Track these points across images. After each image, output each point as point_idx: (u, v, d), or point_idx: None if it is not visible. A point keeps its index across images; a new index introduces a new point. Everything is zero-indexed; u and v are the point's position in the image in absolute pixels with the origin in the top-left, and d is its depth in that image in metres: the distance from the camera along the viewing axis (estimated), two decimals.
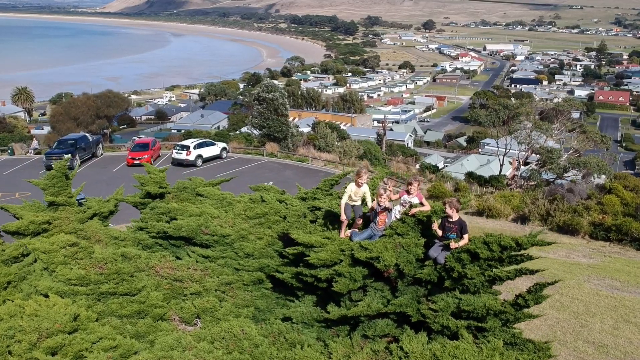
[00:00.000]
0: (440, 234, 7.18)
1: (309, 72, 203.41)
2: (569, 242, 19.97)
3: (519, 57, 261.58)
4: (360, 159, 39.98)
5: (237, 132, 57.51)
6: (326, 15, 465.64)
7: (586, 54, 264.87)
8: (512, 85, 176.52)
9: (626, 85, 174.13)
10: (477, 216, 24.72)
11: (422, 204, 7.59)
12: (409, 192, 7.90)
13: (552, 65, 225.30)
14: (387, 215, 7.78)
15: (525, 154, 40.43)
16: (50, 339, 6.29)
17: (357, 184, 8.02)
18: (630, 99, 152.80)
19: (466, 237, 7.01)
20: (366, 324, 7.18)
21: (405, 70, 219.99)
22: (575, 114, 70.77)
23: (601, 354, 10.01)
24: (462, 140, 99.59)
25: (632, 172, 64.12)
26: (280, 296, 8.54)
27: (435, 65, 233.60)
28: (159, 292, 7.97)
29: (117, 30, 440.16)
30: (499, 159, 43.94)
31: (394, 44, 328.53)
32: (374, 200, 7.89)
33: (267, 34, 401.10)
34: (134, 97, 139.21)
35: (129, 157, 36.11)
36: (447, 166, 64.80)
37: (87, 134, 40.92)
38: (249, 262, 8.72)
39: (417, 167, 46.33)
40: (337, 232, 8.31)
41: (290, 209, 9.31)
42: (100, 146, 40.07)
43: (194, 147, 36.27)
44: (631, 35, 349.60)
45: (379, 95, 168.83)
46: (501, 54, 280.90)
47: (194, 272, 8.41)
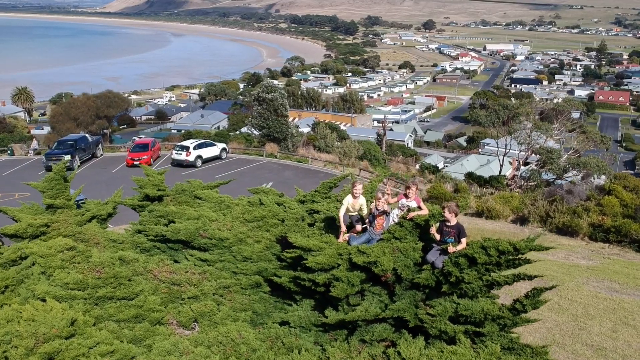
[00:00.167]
0: (438, 238, 7.14)
1: (309, 72, 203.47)
2: (568, 243, 19.96)
3: (519, 57, 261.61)
4: (360, 159, 39.91)
5: (237, 133, 57.45)
6: (326, 15, 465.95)
7: (586, 54, 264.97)
8: (512, 85, 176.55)
9: (626, 85, 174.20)
10: (477, 217, 24.74)
11: (420, 208, 7.58)
12: (407, 195, 7.89)
13: (552, 65, 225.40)
14: (384, 218, 7.77)
15: (525, 154, 40.39)
16: (47, 344, 6.27)
17: (353, 196, 8.02)
18: (630, 99, 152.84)
19: (464, 241, 6.99)
20: (364, 329, 7.17)
21: (405, 70, 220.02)
22: (575, 114, 70.72)
23: (599, 357, 9.98)
24: (462, 140, 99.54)
25: (632, 172, 64.09)
26: (278, 300, 8.52)
27: (435, 65, 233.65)
28: (157, 296, 7.95)
29: (117, 30, 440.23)
30: (498, 159, 43.87)
31: (394, 44, 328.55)
32: (372, 202, 7.88)
33: (267, 34, 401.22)
34: (134, 97, 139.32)
35: (129, 157, 36.12)
36: (447, 166, 64.70)
37: (87, 135, 40.99)
38: (247, 265, 8.69)
39: (417, 167, 46.25)
40: (335, 236, 8.30)
41: (288, 212, 9.29)
42: (100, 147, 40.12)
43: (194, 148, 36.27)
44: (631, 35, 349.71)
45: (379, 95, 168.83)
46: (501, 54, 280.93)
47: (191, 276, 8.39)
